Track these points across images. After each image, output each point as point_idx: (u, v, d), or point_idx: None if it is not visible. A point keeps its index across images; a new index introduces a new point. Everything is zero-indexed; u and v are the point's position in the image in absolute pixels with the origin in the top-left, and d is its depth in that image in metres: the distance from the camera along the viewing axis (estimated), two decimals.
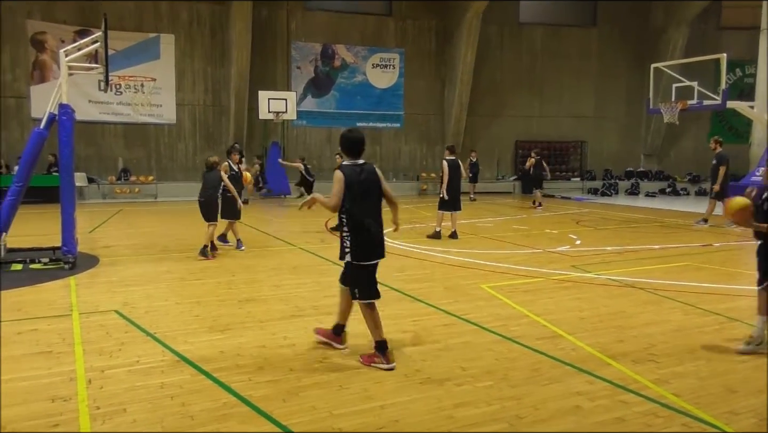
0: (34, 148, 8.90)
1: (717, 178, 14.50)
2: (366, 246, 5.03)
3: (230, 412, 4.03)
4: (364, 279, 5.09)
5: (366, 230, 4.99)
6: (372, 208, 5.06)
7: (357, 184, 4.96)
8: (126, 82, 21.17)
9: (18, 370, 4.73)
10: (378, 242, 5.09)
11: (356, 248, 5.01)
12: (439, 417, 3.99)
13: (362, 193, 4.99)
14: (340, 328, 5.37)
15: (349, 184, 4.92)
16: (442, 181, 11.89)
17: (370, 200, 5.05)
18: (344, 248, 5.07)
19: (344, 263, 5.14)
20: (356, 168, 5.05)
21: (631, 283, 7.98)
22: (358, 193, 4.96)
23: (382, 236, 5.15)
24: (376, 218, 5.07)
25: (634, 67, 25.77)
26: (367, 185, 5.04)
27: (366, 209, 5.01)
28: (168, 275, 8.56)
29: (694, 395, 4.35)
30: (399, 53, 24.42)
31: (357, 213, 4.96)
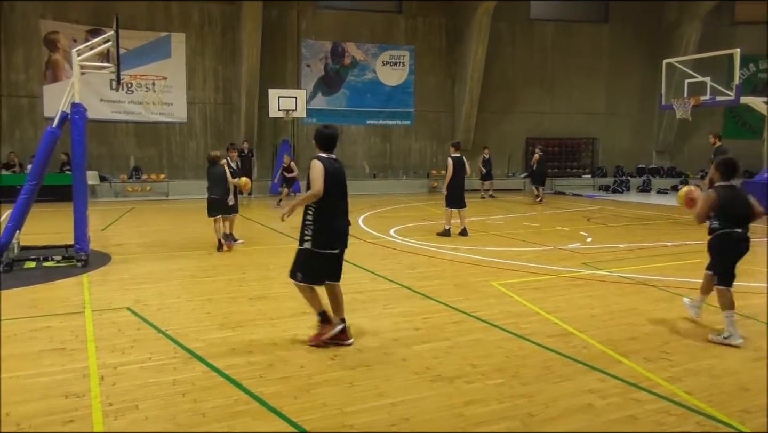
0: (47, 147, 8.96)
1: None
2: (329, 235, 5.25)
3: (242, 409, 4.05)
4: (314, 265, 5.27)
5: (332, 220, 5.24)
6: (340, 200, 5.32)
7: (330, 176, 5.18)
8: (137, 81, 21.28)
9: (32, 367, 4.78)
10: (342, 232, 5.34)
11: (319, 236, 5.21)
12: (449, 415, 3.99)
13: (333, 185, 5.19)
14: (324, 316, 5.46)
15: (328, 174, 5.15)
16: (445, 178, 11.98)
17: (339, 192, 5.30)
18: (304, 236, 5.26)
19: (297, 249, 5.33)
20: (330, 161, 5.29)
21: (643, 280, 7.93)
22: (329, 185, 5.15)
23: (346, 227, 5.39)
24: (341, 210, 5.34)
25: (647, 64, 25.55)
26: (337, 178, 5.27)
27: (335, 201, 5.25)
28: (179, 272, 8.60)
29: (707, 393, 4.32)
30: (409, 51, 24.36)
31: (326, 203, 5.18)
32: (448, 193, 11.89)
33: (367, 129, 24.27)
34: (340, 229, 5.33)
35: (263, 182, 22.12)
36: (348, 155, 23.97)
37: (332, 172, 5.21)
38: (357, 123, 24.14)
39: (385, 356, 5.07)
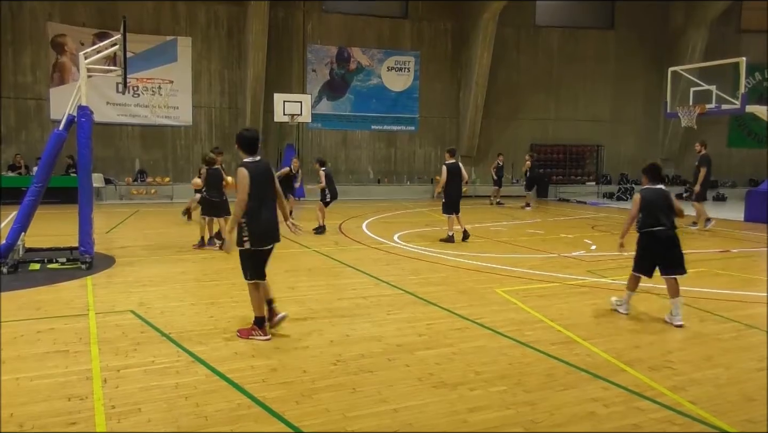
0: (53, 149, 9.00)
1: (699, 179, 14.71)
2: (262, 233, 5.61)
3: (244, 413, 4.05)
4: (257, 262, 5.67)
5: (263, 218, 5.58)
6: (267, 199, 5.67)
7: (256, 179, 5.53)
8: (144, 85, 21.37)
9: (35, 368, 4.78)
10: (272, 229, 5.68)
11: (253, 235, 5.57)
12: (452, 421, 3.97)
13: (259, 186, 5.56)
14: (261, 320, 5.73)
15: (253, 178, 5.50)
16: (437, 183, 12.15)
17: (265, 193, 5.65)
18: (242, 236, 5.57)
19: (239, 251, 5.67)
20: (255, 164, 5.63)
21: (647, 289, 7.89)
22: (256, 187, 5.52)
23: (275, 223, 5.72)
24: (270, 208, 5.69)
25: (652, 71, 25.54)
26: (263, 179, 5.62)
27: (262, 201, 5.59)
28: (183, 276, 8.62)
29: (712, 403, 4.30)
30: (414, 56, 24.42)
31: (255, 204, 5.52)
32: (445, 200, 11.95)
33: (371, 134, 24.31)
34: (272, 226, 5.68)
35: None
36: (352, 160, 24.04)
37: (257, 175, 5.55)
38: (362, 128, 24.19)
39: (388, 362, 5.07)
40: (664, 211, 6.37)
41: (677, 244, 6.43)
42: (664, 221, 6.36)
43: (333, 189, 13.15)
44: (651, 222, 6.35)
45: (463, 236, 11.85)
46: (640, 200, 6.44)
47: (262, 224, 5.57)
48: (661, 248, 6.39)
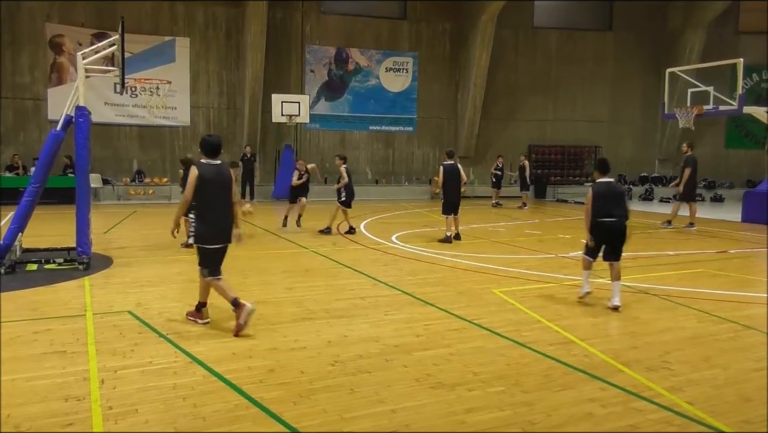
0: (50, 149, 8.99)
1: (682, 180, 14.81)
2: (209, 232, 5.91)
3: (242, 414, 4.04)
4: (210, 260, 5.97)
5: (210, 218, 5.91)
6: (219, 201, 5.96)
7: (209, 180, 5.87)
8: (142, 85, 21.35)
9: (33, 369, 4.77)
10: (220, 230, 5.96)
11: (200, 233, 5.96)
12: (450, 422, 3.97)
13: (213, 187, 5.90)
14: (201, 305, 6.15)
15: (202, 179, 5.84)
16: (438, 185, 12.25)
17: (218, 195, 5.95)
18: (190, 232, 5.91)
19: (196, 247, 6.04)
20: (211, 166, 5.95)
21: (644, 289, 7.92)
22: (209, 188, 5.87)
23: (226, 224, 6.00)
24: (222, 210, 5.97)
25: (650, 72, 25.58)
26: (218, 181, 5.94)
27: (213, 201, 5.92)
28: (181, 276, 8.61)
29: (709, 404, 4.30)
30: (413, 57, 24.42)
31: (205, 204, 5.89)
32: (444, 200, 12.06)
33: (370, 135, 24.31)
34: (221, 227, 5.97)
35: (266, 187, 22.15)
36: (350, 161, 23.87)
37: (209, 176, 5.88)
38: (360, 129, 24.19)
39: (386, 363, 5.07)
40: (614, 202, 6.95)
41: (624, 235, 7.02)
42: (614, 212, 6.92)
43: (351, 189, 13.01)
44: (603, 213, 6.91)
45: (455, 236, 11.99)
46: (592, 194, 7.03)
47: (207, 224, 5.91)
48: (608, 236, 7.01)
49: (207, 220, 5.90)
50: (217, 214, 5.92)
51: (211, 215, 5.90)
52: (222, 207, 5.96)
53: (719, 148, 26.83)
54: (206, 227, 5.90)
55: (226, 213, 6.00)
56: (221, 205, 5.96)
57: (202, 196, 5.86)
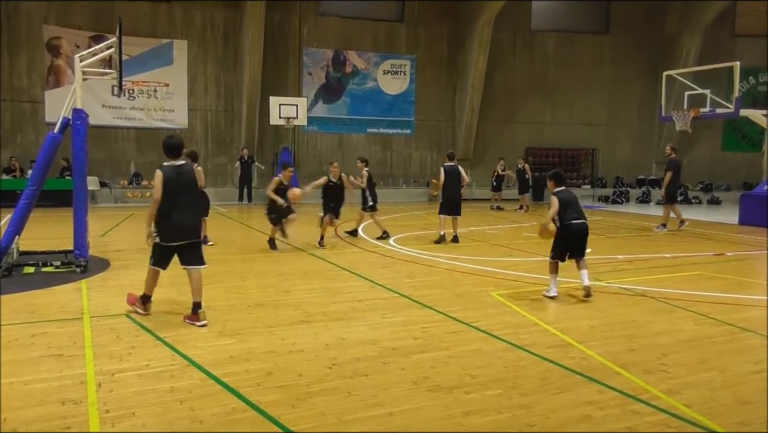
0: (48, 152, 8.97)
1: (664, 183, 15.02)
2: (170, 231, 6.19)
3: (239, 417, 4.04)
4: (162, 254, 6.33)
5: (172, 218, 6.13)
6: (183, 201, 6.19)
7: (172, 182, 6.13)
8: (139, 88, 21.34)
9: (29, 372, 4.76)
10: (181, 229, 6.22)
11: (162, 231, 6.20)
12: (448, 425, 3.97)
13: (175, 188, 6.14)
14: (146, 298, 6.51)
15: (165, 181, 6.10)
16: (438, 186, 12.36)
17: (182, 195, 6.19)
18: (154, 232, 6.20)
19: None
20: (174, 168, 6.21)
21: (642, 292, 7.93)
22: (171, 189, 6.12)
23: (187, 224, 6.26)
24: (184, 210, 6.20)
25: (647, 75, 25.65)
26: (180, 182, 6.19)
27: (176, 202, 6.13)
28: (178, 279, 8.55)
29: (706, 406, 4.31)
30: (410, 59, 24.46)
31: (167, 204, 6.10)
32: (442, 201, 12.25)
33: (367, 138, 24.33)
34: (180, 225, 6.20)
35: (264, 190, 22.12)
36: (348, 163, 23.97)
37: (172, 177, 6.14)
38: (357, 131, 24.20)
39: (384, 366, 5.06)
40: (576, 207, 7.59)
41: (588, 233, 7.74)
42: (579, 215, 7.55)
43: (374, 193, 12.84)
44: (571, 217, 7.47)
45: (453, 238, 12.05)
46: (558, 201, 7.50)
47: (169, 223, 6.17)
48: (577, 237, 7.57)
49: (166, 219, 6.16)
50: (176, 215, 6.14)
51: (171, 215, 6.14)
52: (183, 207, 6.20)
53: (716, 150, 26.90)
54: (165, 226, 6.18)
55: (187, 212, 6.25)
56: (183, 205, 6.19)
57: (165, 197, 6.12)
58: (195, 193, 6.43)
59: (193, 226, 6.39)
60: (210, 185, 22.19)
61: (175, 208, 6.14)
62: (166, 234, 6.20)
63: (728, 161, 26.72)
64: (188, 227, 6.30)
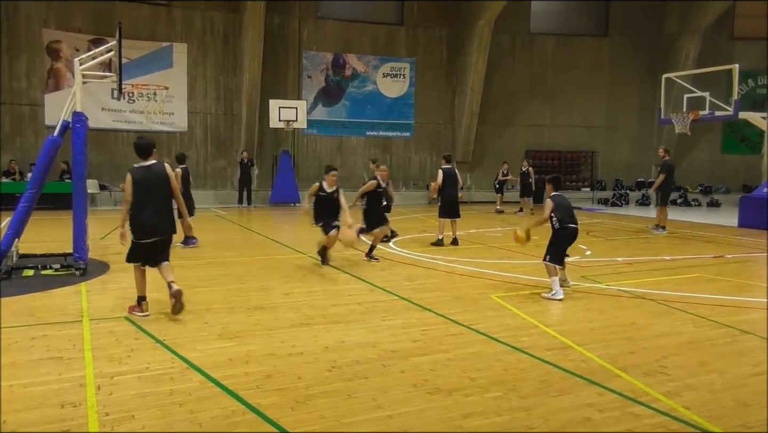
0: (47, 155, 8.98)
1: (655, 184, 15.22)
2: (141, 229, 6.48)
3: (239, 420, 4.03)
4: (137, 251, 6.59)
5: (142, 217, 6.43)
6: (153, 200, 6.49)
7: (142, 182, 6.45)
8: (139, 91, 21.37)
9: (29, 375, 4.76)
10: (151, 227, 6.49)
11: (134, 229, 6.49)
12: (447, 427, 3.97)
13: (146, 188, 6.45)
14: (141, 299, 6.66)
15: (135, 182, 6.44)
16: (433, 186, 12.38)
17: (152, 194, 6.49)
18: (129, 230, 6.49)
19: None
20: (143, 169, 6.53)
21: (641, 294, 7.93)
22: (141, 189, 6.43)
23: (160, 222, 6.53)
24: (155, 207, 6.48)
25: (646, 77, 25.69)
26: (151, 182, 6.51)
27: (146, 201, 6.44)
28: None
29: (706, 408, 4.30)
30: (410, 62, 24.49)
31: (137, 204, 6.42)
32: (441, 204, 12.24)
33: (367, 140, 24.35)
34: (149, 223, 6.48)
35: (263, 192, 22.15)
36: (348, 166, 24.04)
37: (141, 178, 6.47)
38: (357, 134, 24.23)
39: (383, 368, 5.06)
40: (570, 211, 7.95)
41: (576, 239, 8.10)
42: (574, 219, 7.91)
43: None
44: (567, 220, 7.79)
45: (452, 241, 12.07)
46: (552, 205, 7.80)
47: (140, 222, 6.46)
48: (572, 239, 7.92)
49: (139, 218, 6.46)
50: (148, 214, 6.44)
51: (143, 214, 6.43)
52: (155, 205, 6.50)
53: (715, 153, 26.94)
54: (137, 224, 6.48)
55: (159, 210, 6.54)
56: (155, 203, 6.50)
57: (136, 197, 6.43)
58: (167, 191, 6.65)
59: (166, 223, 6.64)
60: (209, 188, 22.26)
61: (146, 208, 6.44)
62: (139, 232, 6.50)
63: (727, 164, 26.75)
64: (160, 224, 6.58)
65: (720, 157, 26.85)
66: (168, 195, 6.68)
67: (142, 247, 6.58)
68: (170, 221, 6.70)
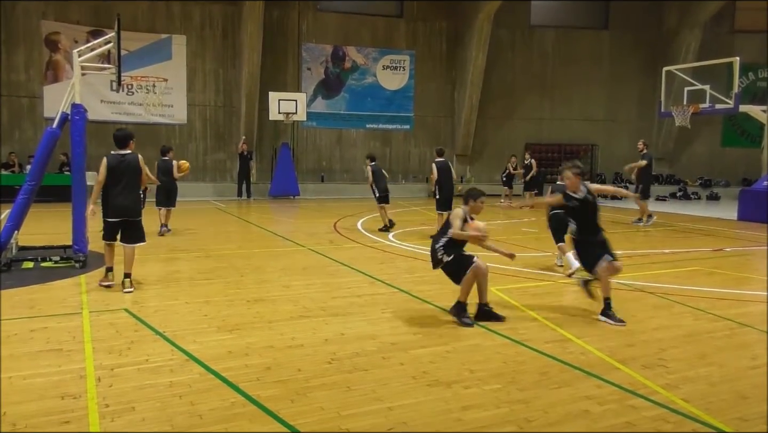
0: (46, 147, 8.96)
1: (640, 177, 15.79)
2: (109, 210, 7.34)
3: (238, 412, 4.04)
4: (106, 228, 7.47)
5: (111, 199, 7.30)
6: (123, 185, 7.33)
7: (115, 168, 7.29)
8: (138, 83, 21.31)
9: (29, 367, 4.76)
10: (118, 208, 7.33)
11: (104, 210, 7.37)
12: (447, 420, 3.98)
13: (118, 175, 7.30)
14: (108, 269, 7.56)
15: (108, 167, 7.27)
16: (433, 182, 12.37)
17: (122, 181, 7.32)
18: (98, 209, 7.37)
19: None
20: (118, 156, 7.37)
21: (640, 287, 7.94)
22: (114, 174, 7.28)
23: (127, 204, 7.36)
24: (124, 192, 7.32)
25: (646, 70, 25.62)
26: (122, 170, 7.33)
27: (116, 185, 7.29)
28: (178, 274, 8.60)
29: (704, 401, 4.32)
30: (409, 55, 24.43)
31: (109, 188, 7.32)
32: (439, 197, 12.20)
33: (366, 133, 24.31)
34: (117, 205, 7.30)
35: (263, 185, 22.14)
36: (347, 159, 24.05)
37: (114, 165, 7.29)
38: (357, 127, 24.19)
39: (383, 360, 5.07)
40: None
41: None
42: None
43: (381, 186, 13.12)
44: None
45: None
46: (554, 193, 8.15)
47: (111, 203, 7.31)
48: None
49: (108, 199, 7.32)
50: (117, 196, 7.28)
51: (112, 196, 7.28)
52: (123, 190, 7.32)
53: (715, 146, 26.92)
54: (107, 205, 7.35)
55: (127, 195, 7.34)
56: (123, 188, 7.31)
57: (108, 182, 7.29)
58: (136, 180, 7.45)
59: (132, 206, 7.43)
60: (209, 181, 22.24)
61: (116, 191, 7.28)
62: (108, 212, 7.34)
63: (727, 157, 26.73)
64: (127, 207, 7.37)
65: (720, 151, 26.84)
66: (137, 183, 7.48)
67: (110, 225, 7.40)
68: (137, 205, 7.51)
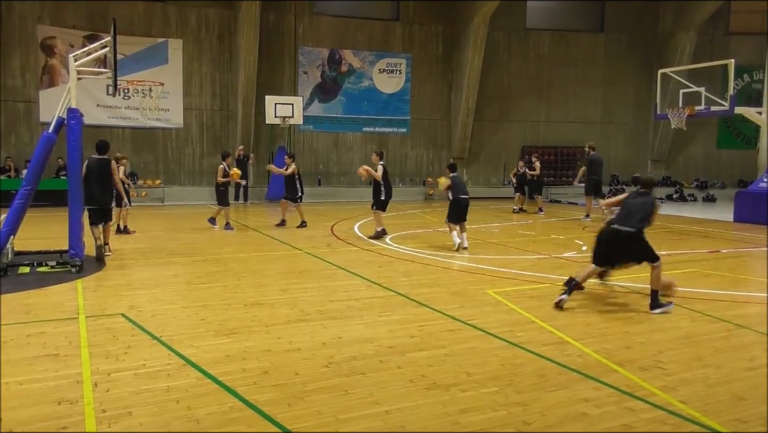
0: (42, 152, 8.95)
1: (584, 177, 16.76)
2: (87, 199, 9.39)
3: (236, 416, 4.04)
4: (89, 214, 9.62)
5: (88, 192, 9.39)
6: (97, 184, 9.63)
7: (93, 168, 9.61)
8: (134, 87, 21.28)
9: (25, 372, 4.75)
10: (95, 198, 9.61)
11: (85, 199, 9.30)
12: (444, 423, 3.98)
13: (95, 173, 9.62)
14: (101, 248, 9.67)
15: (88, 167, 9.54)
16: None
17: (97, 180, 9.63)
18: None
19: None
20: (97, 160, 9.71)
21: (638, 289, 7.95)
22: (92, 173, 9.57)
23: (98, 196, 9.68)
24: (97, 188, 9.65)
25: (642, 73, 25.69)
26: (97, 170, 9.65)
27: (93, 184, 9.54)
28: (174, 278, 8.58)
29: (702, 403, 4.32)
30: (406, 58, 24.44)
31: (88, 182, 9.43)
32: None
33: (363, 136, 24.31)
34: (94, 196, 9.56)
35: (260, 188, 22.12)
36: (344, 162, 24.03)
37: (93, 166, 9.63)
38: (353, 130, 24.18)
39: (380, 364, 5.07)
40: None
41: None
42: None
43: (389, 190, 12.37)
44: None
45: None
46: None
47: (88, 195, 9.38)
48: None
49: (86, 192, 9.30)
50: (92, 190, 9.51)
51: (88, 190, 9.39)
52: (97, 186, 9.61)
53: (711, 148, 26.98)
54: (86, 196, 9.27)
55: (101, 189, 9.71)
56: (96, 184, 9.60)
57: (88, 178, 9.42)
58: (108, 178, 9.83)
59: (102, 198, 9.78)
60: (205, 184, 22.20)
61: (91, 186, 9.50)
62: (88, 201, 9.41)
63: (723, 159, 26.80)
64: (98, 198, 9.69)
65: (716, 153, 26.90)
66: (109, 180, 9.86)
67: (91, 211, 9.63)
68: (108, 197, 9.96)
